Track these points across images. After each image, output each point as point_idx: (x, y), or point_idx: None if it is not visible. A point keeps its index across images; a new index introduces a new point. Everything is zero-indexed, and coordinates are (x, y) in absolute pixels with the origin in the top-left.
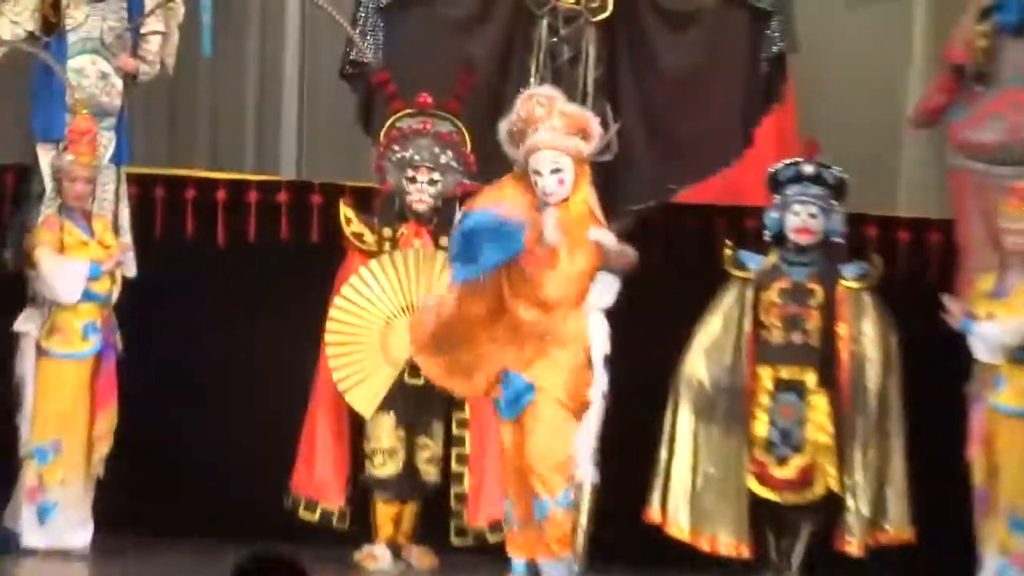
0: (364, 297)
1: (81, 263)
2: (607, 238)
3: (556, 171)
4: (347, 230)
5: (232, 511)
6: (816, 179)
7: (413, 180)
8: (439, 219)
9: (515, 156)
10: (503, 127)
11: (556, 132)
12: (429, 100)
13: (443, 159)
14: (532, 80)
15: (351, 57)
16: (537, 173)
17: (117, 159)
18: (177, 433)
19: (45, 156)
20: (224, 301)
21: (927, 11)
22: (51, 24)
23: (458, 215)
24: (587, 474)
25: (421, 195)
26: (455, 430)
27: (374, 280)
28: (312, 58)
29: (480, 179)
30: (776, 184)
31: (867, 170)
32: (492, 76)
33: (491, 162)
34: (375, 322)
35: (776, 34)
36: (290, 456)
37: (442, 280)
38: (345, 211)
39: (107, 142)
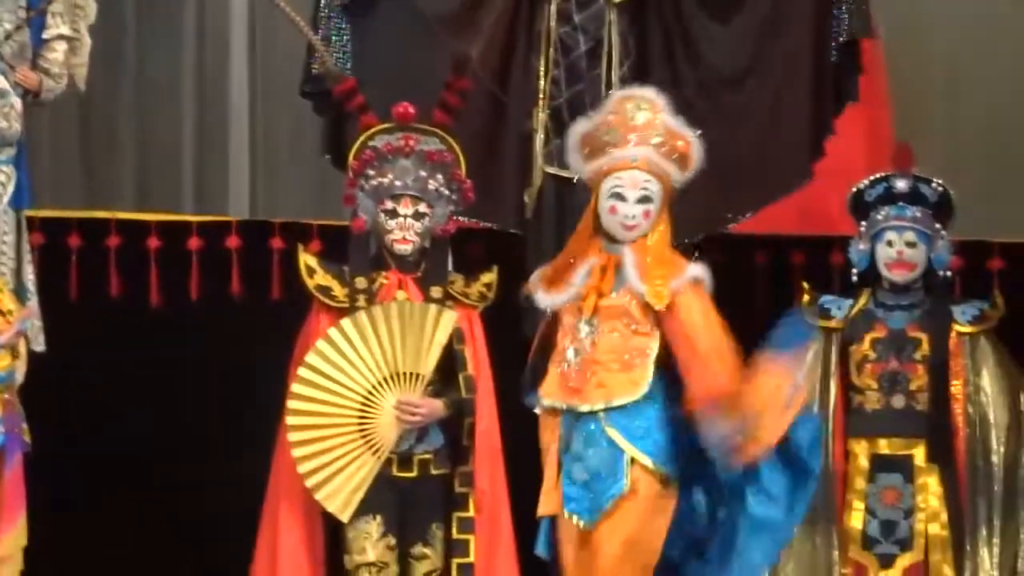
0: (335, 366)
1: None
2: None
3: (644, 200)
4: (310, 284)
5: None
6: (912, 197)
7: (393, 213)
8: (428, 264)
9: (579, 168)
10: (579, 129)
11: (655, 150)
12: (411, 110)
13: (431, 185)
14: (541, 83)
15: (314, 70)
16: (617, 198)
17: (17, 201)
18: (105, 544)
19: None
20: (160, 377)
21: None
22: None
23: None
24: None
25: (404, 232)
26: (456, 534)
27: (347, 344)
28: (265, 68)
29: (478, 214)
30: (861, 207)
31: (986, 184)
32: (489, 81)
33: (491, 193)
34: (351, 399)
35: (845, 15)
36: (244, 571)
37: (435, 341)
38: (306, 260)
39: (5, 180)
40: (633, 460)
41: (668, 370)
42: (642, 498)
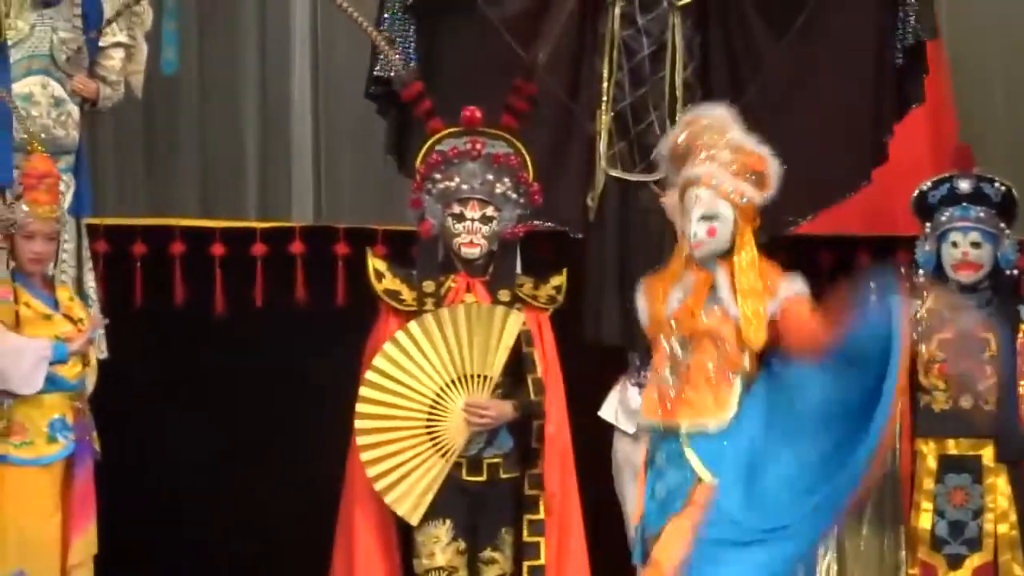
0: (403, 369)
1: (43, 342)
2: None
3: (708, 219)
4: (378, 288)
5: None
6: (976, 197)
7: (460, 217)
8: (496, 267)
9: (673, 180)
10: (664, 146)
11: (721, 168)
12: (478, 114)
13: (499, 189)
14: (604, 85)
15: (376, 72)
16: (686, 215)
17: (76, 209)
18: (175, 555)
19: None
20: (224, 383)
21: None
22: None
23: None
24: None
25: (471, 236)
26: (526, 536)
27: (414, 347)
28: (328, 73)
29: (546, 217)
30: (925, 208)
31: None
32: (556, 85)
33: (556, 196)
34: (419, 401)
35: (911, 16)
36: None
37: (503, 343)
38: (375, 264)
39: (63, 188)
40: (700, 480)
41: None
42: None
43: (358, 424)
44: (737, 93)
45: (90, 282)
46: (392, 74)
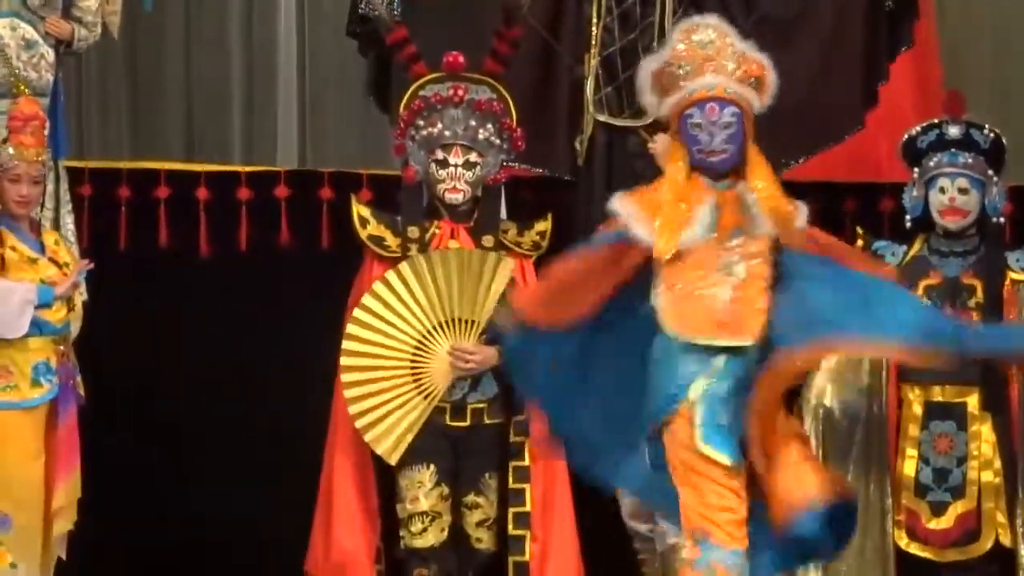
0: (391, 309)
1: (28, 285)
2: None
3: (727, 126)
4: (363, 234)
5: None
6: (965, 143)
7: (444, 163)
8: (480, 213)
9: (655, 108)
10: (648, 67)
11: (728, 77)
12: (461, 60)
13: (482, 134)
14: (593, 30)
15: (360, 11)
16: (698, 128)
17: (54, 151)
18: (159, 502)
19: None
20: (211, 328)
21: None
22: None
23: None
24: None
25: (455, 182)
26: (512, 483)
27: (404, 287)
28: (313, 17)
29: (529, 161)
30: (914, 154)
31: None
32: (540, 28)
33: (544, 140)
34: (404, 344)
35: None
36: (303, 525)
37: (492, 289)
38: (359, 210)
39: None
40: None
41: None
42: None
43: (343, 361)
44: None
45: (69, 224)
46: (375, 14)
